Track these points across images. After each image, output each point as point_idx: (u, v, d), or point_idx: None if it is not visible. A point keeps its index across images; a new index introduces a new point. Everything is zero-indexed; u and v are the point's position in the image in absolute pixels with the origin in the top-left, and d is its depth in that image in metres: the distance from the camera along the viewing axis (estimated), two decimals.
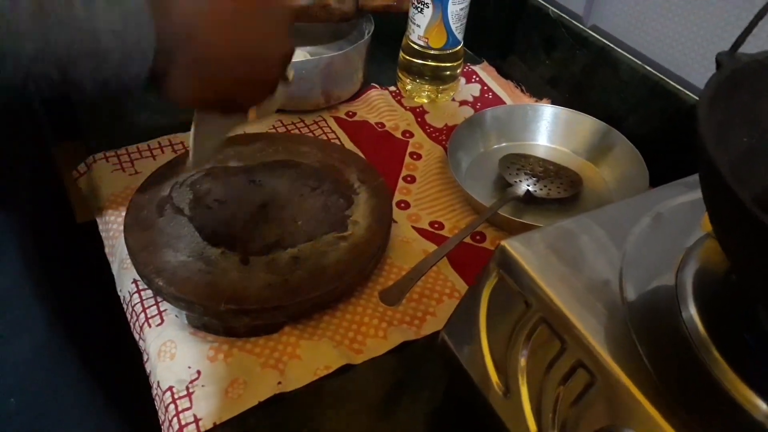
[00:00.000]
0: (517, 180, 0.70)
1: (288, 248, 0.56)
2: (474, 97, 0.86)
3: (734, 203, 0.29)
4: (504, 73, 0.90)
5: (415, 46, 0.80)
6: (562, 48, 0.80)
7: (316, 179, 0.64)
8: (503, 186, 0.69)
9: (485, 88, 0.88)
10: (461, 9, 0.77)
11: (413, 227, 0.66)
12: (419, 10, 0.77)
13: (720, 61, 0.39)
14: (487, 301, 0.45)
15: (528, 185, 0.69)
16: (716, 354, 0.37)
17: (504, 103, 0.85)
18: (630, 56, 0.73)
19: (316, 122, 0.79)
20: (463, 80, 0.89)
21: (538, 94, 0.85)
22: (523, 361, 0.42)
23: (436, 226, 0.66)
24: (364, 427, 0.50)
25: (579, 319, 0.39)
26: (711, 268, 0.43)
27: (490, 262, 0.44)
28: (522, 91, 0.87)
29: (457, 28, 0.78)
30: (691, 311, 0.39)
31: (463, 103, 0.85)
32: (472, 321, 0.45)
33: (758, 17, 0.37)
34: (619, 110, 0.75)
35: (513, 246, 0.43)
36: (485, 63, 0.92)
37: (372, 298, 0.58)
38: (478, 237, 0.65)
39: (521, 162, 0.72)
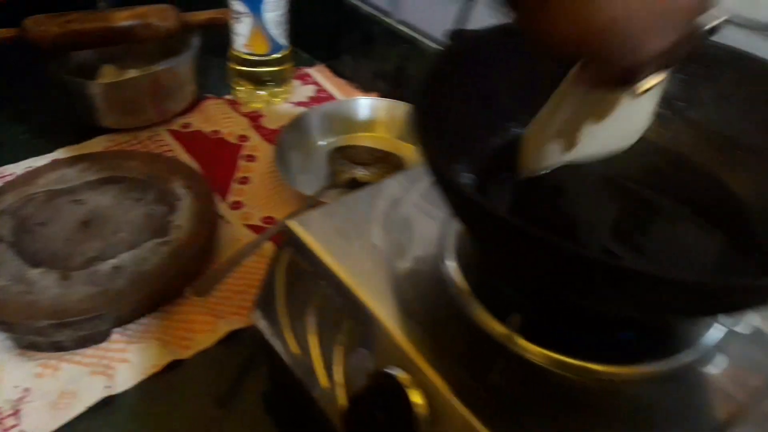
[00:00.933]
0: (345, 169, 0.74)
1: (109, 259, 0.58)
2: (309, 98, 0.90)
3: (445, 184, 0.33)
4: (338, 72, 0.95)
5: (242, 55, 0.83)
6: (380, 43, 0.85)
7: (140, 191, 0.66)
8: (334, 177, 0.73)
9: (320, 88, 0.92)
10: (279, 15, 0.80)
11: (245, 225, 0.69)
12: (238, 19, 0.80)
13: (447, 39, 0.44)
14: (282, 276, 0.48)
15: (355, 173, 0.73)
16: (472, 297, 0.42)
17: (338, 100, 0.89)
18: (437, 45, 0.79)
19: (150, 137, 0.80)
20: (298, 83, 0.92)
21: (368, 89, 0.90)
22: (313, 326, 0.45)
23: (268, 221, 0.70)
24: (193, 414, 0.52)
25: (353, 281, 0.43)
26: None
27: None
28: (354, 87, 0.92)
29: (278, 34, 0.82)
30: (449, 263, 0.44)
31: (298, 104, 0.89)
32: (272, 297, 0.49)
33: None
34: None
35: (296, 223, 0.47)
36: (321, 64, 0.97)
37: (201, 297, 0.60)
38: None
39: (349, 152, 0.77)
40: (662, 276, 0.26)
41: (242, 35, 0.81)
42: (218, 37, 0.87)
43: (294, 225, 0.47)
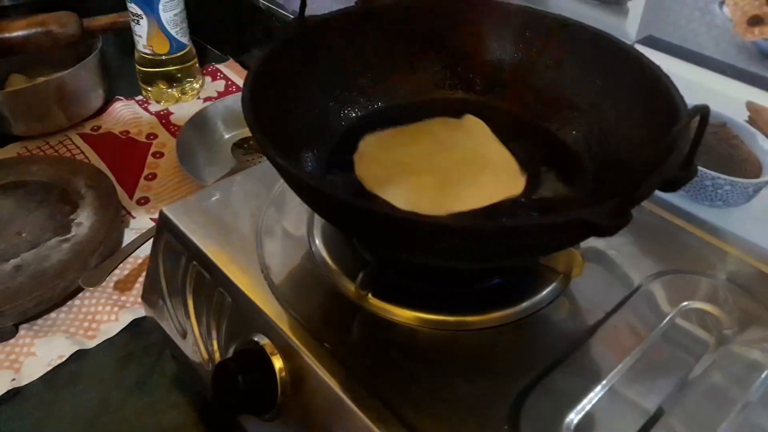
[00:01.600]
0: (250, 159, 0.77)
1: (11, 259, 0.60)
2: (219, 93, 0.93)
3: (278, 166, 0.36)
4: (247, 66, 0.97)
5: (145, 56, 0.85)
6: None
7: (43, 193, 0.68)
8: (239, 167, 0.76)
9: (229, 83, 0.95)
10: (175, 15, 0.83)
11: (151, 218, 0.71)
12: (136, 21, 0.82)
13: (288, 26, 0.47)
14: (161, 260, 0.51)
15: (260, 162, 0.76)
16: (332, 264, 0.45)
17: None
18: None
19: (61, 142, 0.82)
20: (208, 79, 0.95)
21: None
22: (192, 305, 0.49)
23: None
24: (102, 399, 0.55)
25: (220, 258, 0.46)
26: None
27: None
28: None
29: (178, 32, 0.84)
30: (316, 235, 0.48)
31: (207, 99, 0.91)
32: (157, 281, 0.52)
33: None
34: None
35: (170, 209, 0.50)
36: (231, 60, 0.99)
37: (107, 289, 0.63)
38: None
39: (252, 142, 0.79)
40: (436, 222, 0.30)
41: (142, 36, 0.83)
42: (127, 39, 0.89)
43: (169, 210, 0.50)
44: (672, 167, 0.34)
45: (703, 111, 0.31)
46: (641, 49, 0.51)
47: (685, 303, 0.45)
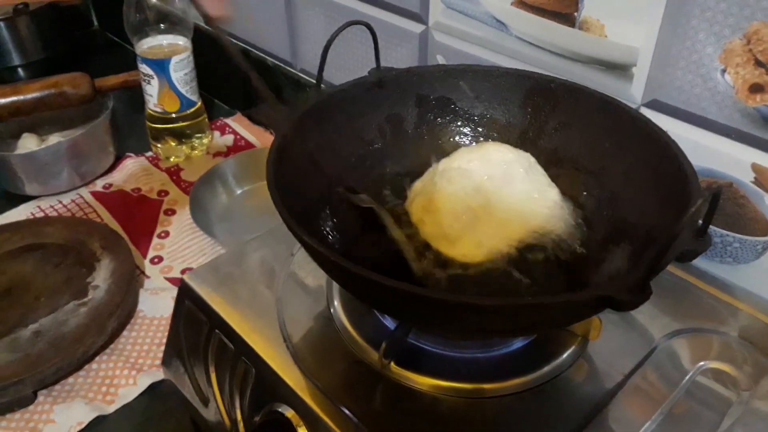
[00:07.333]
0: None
1: (30, 325, 0.61)
2: (228, 147, 0.94)
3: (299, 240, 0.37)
4: (256, 120, 0.99)
5: (155, 114, 0.87)
6: (287, 90, 0.90)
7: (60, 255, 0.69)
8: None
9: (238, 137, 0.96)
10: (185, 74, 0.85)
11: (165, 278, 0.72)
12: (147, 81, 0.84)
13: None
14: (182, 327, 0.52)
15: None
16: (353, 332, 0.46)
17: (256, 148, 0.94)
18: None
19: (73, 200, 0.84)
20: (217, 133, 0.97)
21: None
22: (214, 372, 0.49)
23: (187, 272, 0.73)
24: None
25: (242, 328, 0.47)
26: None
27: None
28: (271, 134, 0.96)
29: (188, 90, 0.86)
30: (336, 303, 0.49)
31: (217, 154, 0.93)
32: (178, 348, 0.52)
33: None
34: None
35: (191, 277, 0.51)
36: (238, 114, 1.01)
37: (124, 352, 0.63)
38: None
39: None
40: (454, 300, 0.31)
41: (153, 95, 0.85)
42: (136, 96, 0.91)
43: (190, 278, 0.51)
44: (687, 240, 0.36)
45: (716, 191, 0.32)
46: (647, 112, 0.53)
47: (701, 363, 0.46)
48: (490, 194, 0.48)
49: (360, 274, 0.34)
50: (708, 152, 0.50)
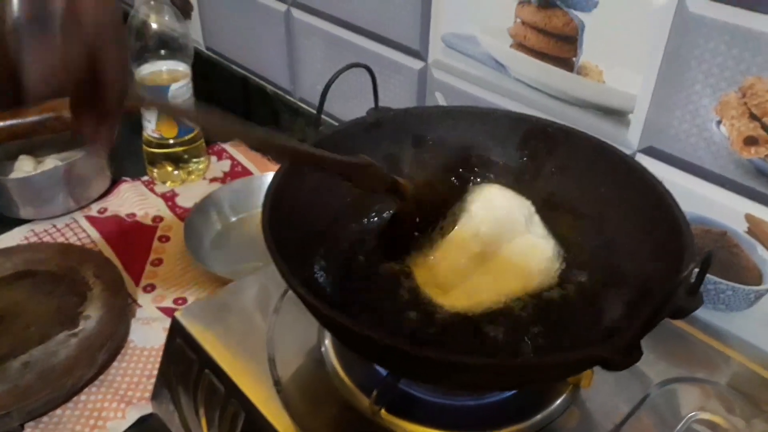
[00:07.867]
0: None
1: (19, 356, 0.61)
2: (224, 173, 0.94)
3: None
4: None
5: (152, 139, 0.87)
6: (285, 118, 0.91)
7: (52, 283, 0.69)
8: None
9: (235, 163, 0.96)
10: (184, 101, 0.85)
11: (157, 308, 0.72)
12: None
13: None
14: (173, 364, 0.52)
15: None
16: (344, 377, 0.46)
17: (252, 175, 0.94)
18: (332, 120, 0.85)
19: (67, 225, 0.83)
20: (214, 158, 0.97)
21: None
22: (203, 411, 0.49)
23: (180, 302, 0.73)
24: None
25: (233, 369, 0.47)
26: None
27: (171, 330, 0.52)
28: (269, 160, 0.96)
29: None
30: (327, 343, 0.48)
31: (213, 180, 0.93)
32: (167, 384, 0.52)
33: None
34: None
35: (183, 314, 0.51)
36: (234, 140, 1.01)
37: (113, 383, 0.63)
38: None
39: None
40: (447, 359, 0.31)
41: (151, 121, 0.85)
42: (133, 118, 0.91)
43: (182, 317, 0.51)
44: (680, 298, 0.36)
45: (707, 256, 0.32)
46: (643, 158, 0.53)
47: (693, 413, 0.45)
48: (488, 243, 0.48)
49: (349, 327, 0.33)
50: (703, 201, 0.50)
